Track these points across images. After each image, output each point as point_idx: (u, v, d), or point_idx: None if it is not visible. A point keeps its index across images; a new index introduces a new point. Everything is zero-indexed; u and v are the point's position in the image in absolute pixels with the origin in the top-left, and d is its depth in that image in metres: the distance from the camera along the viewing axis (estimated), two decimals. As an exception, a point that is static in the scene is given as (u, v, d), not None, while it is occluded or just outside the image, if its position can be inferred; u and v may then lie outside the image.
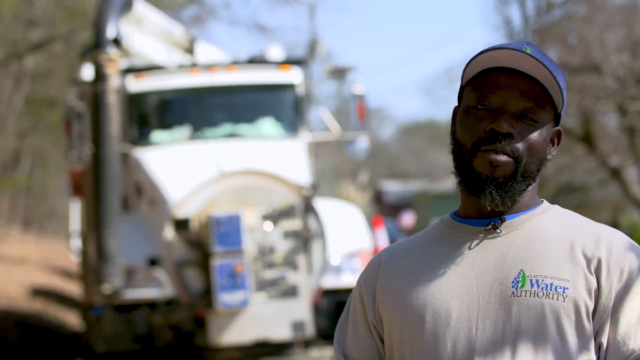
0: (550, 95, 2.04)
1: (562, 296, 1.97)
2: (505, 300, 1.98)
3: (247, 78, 9.90)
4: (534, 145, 2.03)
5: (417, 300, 2.04)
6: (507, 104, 2.02)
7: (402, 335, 2.05)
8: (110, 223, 8.11)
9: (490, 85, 2.03)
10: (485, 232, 2.05)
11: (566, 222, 2.07)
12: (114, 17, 8.46)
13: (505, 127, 2.00)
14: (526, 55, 2.00)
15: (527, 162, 2.03)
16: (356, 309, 2.16)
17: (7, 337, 11.83)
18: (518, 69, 2.02)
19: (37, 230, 27.58)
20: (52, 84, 20.99)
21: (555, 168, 26.22)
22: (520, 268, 2.00)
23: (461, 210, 2.11)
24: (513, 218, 2.06)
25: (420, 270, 2.07)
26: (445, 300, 2.02)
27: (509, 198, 2.03)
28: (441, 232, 2.12)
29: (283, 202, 8.36)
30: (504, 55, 2.02)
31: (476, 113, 2.04)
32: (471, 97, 2.06)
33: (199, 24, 20.77)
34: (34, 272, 18.52)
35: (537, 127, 2.03)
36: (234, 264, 8.02)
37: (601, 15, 18.06)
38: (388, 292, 2.09)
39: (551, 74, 2.01)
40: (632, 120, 16.97)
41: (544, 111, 2.04)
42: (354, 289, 2.19)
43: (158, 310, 8.45)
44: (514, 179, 2.02)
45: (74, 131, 9.77)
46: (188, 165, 9.03)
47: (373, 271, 2.15)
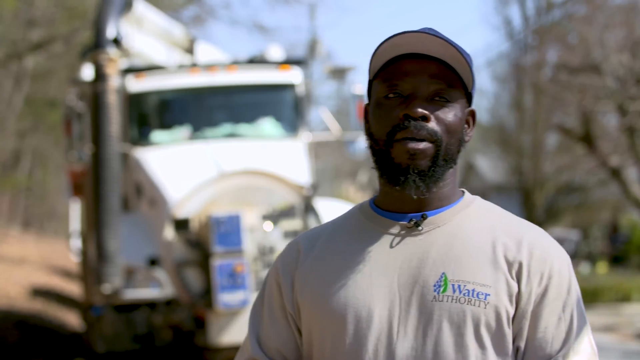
0: (459, 75, 2.01)
1: (484, 303, 1.94)
2: (427, 304, 1.96)
3: (247, 78, 9.90)
4: (451, 125, 1.99)
5: (338, 299, 2.00)
6: (418, 89, 1.98)
7: (323, 334, 2.02)
8: (110, 223, 8.11)
9: (398, 73, 2.00)
10: (407, 229, 2.02)
11: (488, 219, 2.04)
12: (114, 17, 8.46)
13: (419, 111, 1.96)
14: (430, 36, 1.97)
15: (447, 143, 1.99)
16: (272, 296, 2.11)
17: (7, 337, 11.83)
18: (423, 52, 1.99)
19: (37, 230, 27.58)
20: (52, 84, 20.99)
21: (555, 168, 26.24)
22: (442, 271, 1.97)
23: (382, 201, 2.07)
24: (435, 215, 2.03)
25: (341, 266, 2.03)
26: (366, 301, 1.98)
27: (433, 183, 1.99)
28: (361, 223, 2.07)
29: (283, 202, 8.36)
30: (407, 40, 1.99)
31: (388, 103, 2.00)
32: (381, 89, 2.02)
33: (199, 24, 20.77)
34: (34, 272, 18.53)
35: (451, 107, 2.00)
36: (234, 264, 8.02)
37: (601, 15, 18.06)
38: (308, 286, 2.05)
39: (458, 51, 1.98)
40: (632, 120, 16.97)
41: (456, 91, 2.01)
42: (270, 274, 2.13)
43: (158, 310, 8.44)
44: (435, 164, 1.98)
45: (74, 131, 9.77)
46: (188, 165, 9.03)
47: (292, 259, 2.10)
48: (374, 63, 2.04)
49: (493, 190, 35.07)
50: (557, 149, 27.05)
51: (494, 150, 31.11)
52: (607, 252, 31.40)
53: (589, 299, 18.78)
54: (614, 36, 17.64)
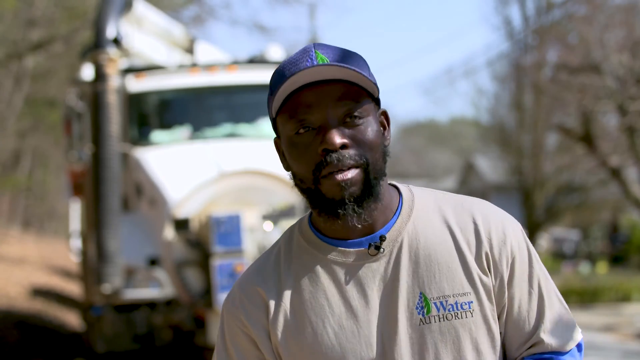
0: (362, 86, 1.94)
1: (470, 312, 1.94)
2: (416, 329, 1.94)
3: (247, 78, 9.90)
4: (371, 141, 1.93)
5: (333, 350, 1.94)
6: (327, 117, 1.90)
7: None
8: (110, 223, 8.11)
9: (302, 107, 1.91)
10: (368, 255, 1.96)
11: (437, 212, 2.01)
12: (114, 17, 8.46)
13: (337, 142, 1.89)
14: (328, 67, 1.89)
15: (373, 161, 1.93)
16: (243, 348, 2.00)
17: (7, 337, 11.83)
18: (318, 79, 1.91)
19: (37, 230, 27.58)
20: (52, 84, 21.00)
21: (555, 168, 26.24)
22: (419, 291, 1.94)
23: (326, 229, 1.99)
24: (389, 230, 1.98)
25: (320, 313, 1.96)
26: (362, 343, 1.94)
27: (372, 204, 1.93)
28: (314, 256, 1.99)
29: (283, 202, 8.36)
30: (303, 74, 1.90)
31: (301, 140, 1.93)
32: (289, 126, 1.93)
33: (199, 24, 20.78)
34: (34, 272, 18.53)
35: (365, 122, 1.93)
36: (234, 264, 8.02)
37: (601, 15, 18.06)
38: (292, 340, 1.97)
39: (352, 70, 1.90)
40: (632, 120, 16.96)
41: (364, 102, 1.94)
42: (231, 324, 2.01)
43: (158, 310, 8.45)
44: (369, 186, 1.93)
45: (74, 131, 9.77)
46: (188, 165, 9.02)
47: (257, 309, 1.99)
48: (275, 102, 1.95)
49: (493, 190, 35.08)
50: (557, 149, 27.04)
51: (494, 150, 31.10)
52: (607, 252, 31.41)
53: (589, 299, 18.78)
54: (614, 36, 17.64)
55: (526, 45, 26.57)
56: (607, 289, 19.36)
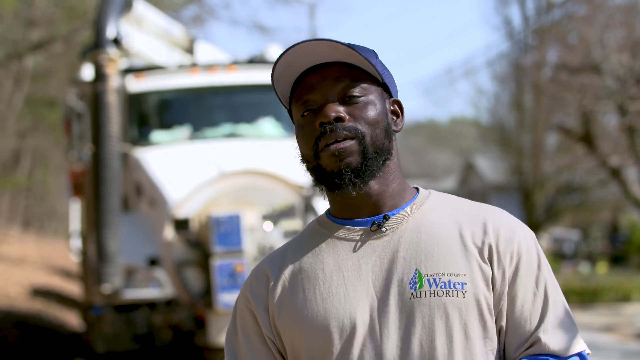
0: (363, 69, 2.04)
1: (462, 292, 1.96)
2: (406, 302, 1.96)
3: (247, 78, 9.90)
4: (370, 117, 2.01)
5: (318, 314, 2.00)
6: (327, 95, 2.01)
7: (309, 350, 2.01)
8: (110, 223, 8.11)
9: (304, 89, 2.03)
10: (370, 232, 2.03)
11: (448, 209, 2.06)
12: (114, 17, 8.46)
13: (332, 114, 1.99)
14: (318, 42, 2.00)
15: (372, 134, 2.01)
16: (246, 324, 2.10)
17: (7, 337, 11.83)
18: (319, 62, 2.03)
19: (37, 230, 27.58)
20: (52, 84, 20.99)
21: (555, 168, 26.24)
22: (414, 268, 1.98)
23: (337, 211, 2.07)
24: (395, 214, 2.03)
25: (313, 281, 2.03)
26: (347, 310, 1.99)
27: (369, 177, 2.00)
28: (322, 235, 2.07)
29: (283, 202, 8.36)
30: (299, 56, 2.02)
31: (305, 121, 2.04)
32: (296, 111, 2.06)
33: (199, 24, 20.77)
34: (34, 272, 18.53)
35: (364, 100, 2.02)
36: (234, 264, 8.02)
37: (601, 15, 18.06)
38: (285, 307, 2.04)
39: (346, 45, 2.00)
40: (632, 120, 16.97)
41: (364, 83, 2.03)
42: (240, 302, 2.12)
43: (158, 310, 8.44)
44: (366, 157, 1.99)
45: (74, 131, 9.77)
46: (188, 165, 9.02)
47: (261, 284, 2.09)
48: (280, 90, 2.08)
49: (493, 190, 35.08)
50: (557, 149, 27.04)
51: (494, 150, 31.10)
52: (607, 252, 31.41)
53: (589, 299, 18.78)
54: (614, 36, 17.64)
55: (526, 45, 26.56)
56: (607, 289, 19.36)
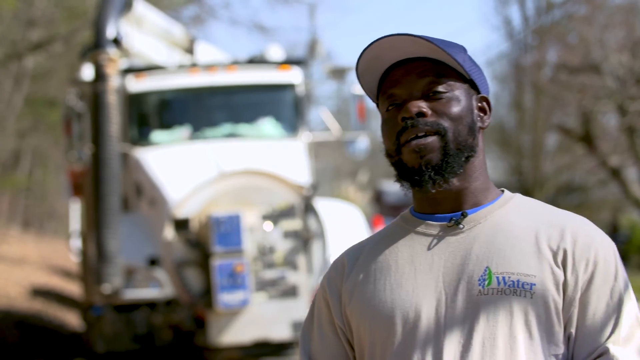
0: (449, 65, 2.03)
1: (530, 292, 1.94)
2: (473, 299, 1.96)
3: (247, 78, 9.90)
4: (453, 113, 2.00)
5: (385, 302, 2.02)
6: (411, 91, 2.01)
7: (372, 339, 2.02)
8: (110, 223, 8.11)
9: (389, 84, 2.03)
10: (448, 228, 2.02)
11: (529, 212, 2.04)
12: (114, 17, 8.46)
13: (413, 109, 1.99)
14: (402, 37, 1.99)
15: (455, 130, 2.00)
16: (321, 312, 2.13)
17: (7, 337, 11.83)
18: (404, 57, 2.02)
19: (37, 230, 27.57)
20: (52, 84, 20.97)
21: (555, 168, 26.25)
22: (485, 265, 1.97)
23: (419, 206, 2.08)
24: (475, 212, 2.03)
25: (385, 271, 2.04)
26: (413, 302, 1.99)
27: (450, 174, 1.99)
28: (403, 229, 2.08)
29: (283, 202, 8.36)
30: (382, 51, 2.02)
31: (389, 115, 2.04)
32: (382, 105, 2.06)
33: (199, 24, 20.78)
34: (34, 272, 18.52)
35: (448, 96, 2.01)
36: (234, 264, 8.02)
37: (601, 15, 18.07)
38: (355, 295, 2.06)
39: (430, 42, 1.99)
40: (632, 120, 16.97)
41: (449, 79, 2.02)
42: (318, 292, 2.15)
43: (158, 310, 8.44)
44: (447, 154, 1.99)
45: (74, 131, 9.76)
46: (188, 165, 9.02)
47: (337, 274, 2.11)
48: (366, 84, 2.09)
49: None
50: (557, 149, 27.05)
51: (494, 150, 31.09)
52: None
53: (589, 299, 18.76)
54: (614, 36, 17.65)
55: (526, 45, 26.58)
56: (607, 289, 19.33)
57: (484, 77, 2.10)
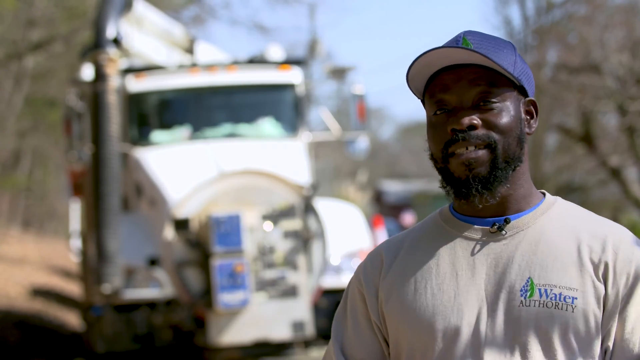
0: (500, 73, 1.99)
1: (572, 307, 1.93)
2: (514, 309, 1.95)
3: (247, 78, 9.90)
4: (504, 125, 1.98)
5: (426, 307, 2.00)
6: (461, 99, 1.97)
7: (412, 343, 2.01)
8: (110, 223, 8.11)
9: (439, 87, 1.99)
10: (490, 234, 2.00)
11: (572, 221, 2.02)
12: (114, 17, 8.46)
13: (465, 122, 1.95)
14: (455, 49, 1.96)
15: (505, 143, 1.98)
16: (356, 306, 2.09)
17: (7, 337, 11.83)
18: (453, 62, 1.99)
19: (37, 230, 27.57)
20: (52, 84, 20.98)
21: (555, 168, 26.25)
22: (527, 275, 1.95)
23: (460, 206, 2.05)
24: (517, 218, 2.01)
25: (426, 274, 2.02)
26: (455, 309, 1.98)
27: (497, 188, 1.98)
28: (443, 229, 2.06)
29: (283, 202, 8.36)
30: (436, 57, 1.98)
31: (437, 120, 2.00)
32: (429, 107, 2.02)
33: (199, 24, 20.78)
34: (34, 272, 18.52)
35: (499, 107, 1.98)
36: (234, 264, 8.02)
37: (601, 15, 18.08)
38: (394, 296, 2.03)
39: (488, 58, 1.95)
40: (632, 120, 16.98)
41: (501, 88, 1.99)
42: (352, 284, 2.12)
43: (158, 310, 8.44)
44: (496, 167, 1.97)
45: (74, 131, 9.77)
46: (188, 165, 9.03)
47: (375, 269, 2.08)
48: (415, 86, 2.05)
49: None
50: (557, 149, 27.04)
51: (494, 150, 31.10)
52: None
53: (589, 299, 18.76)
54: (614, 36, 17.65)
55: (526, 45, 26.56)
56: (607, 289, 19.34)
57: (532, 78, 2.08)
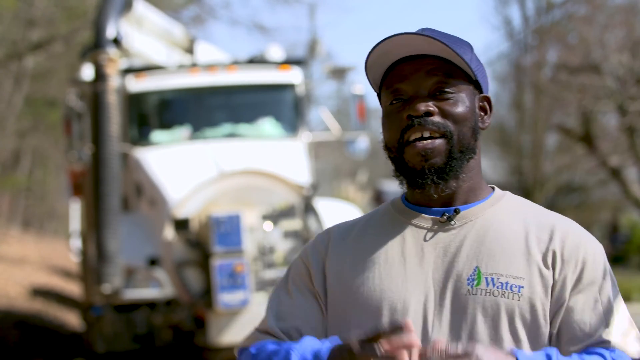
0: (457, 65, 2.01)
1: (518, 295, 1.95)
2: (461, 297, 1.96)
3: (247, 78, 9.90)
4: (458, 115, 1.99)
5: (374, 291, 2.01)
6: (418, 88, 1.99)
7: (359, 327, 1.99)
8: (110, 223, 8.11)
9: (397, 77, 2.01)
10: (440, 223, 2.02)
11: (519, 212, 2.04)
12: (114, 17, 8.46)
13: (421, 108, 1.97)
14: (415, 36, 1.97)
15: (460, 133, 1.99)
16: (299, 275, 2.11)
17: (7, 337, 11.83)
18: (413, 53, 2.00)
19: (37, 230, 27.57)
20: (52, 84, 20.98)
21: (555, 168, 26.25)
22: (475, 265, 1.97)
23: (411, 196, 2.07)
24: (467, 209, 2.02)
25: (375, 260, 2.03)
26: (401, 295, 1.99)
27: (452, 178, 1.99)
28: (394, 217, 2.07)
29: (283, 202, 8.36)
30: (394, 46, 1.99)
31: (393, 109, 2.02)
32: (386, 98, 2.04)
33: (199, 24, 20.77)
34: (34, 272, 18.53)
35: (455, 97, 2.00)
36: (234, 264, 8.02)
37: (601, 15, 18.08)
38: (342, 275, 2.05)
39: (445, 44, 1.97)
40: (632, 120, 16.97)
41: (457, 80, 2.01)
42: (297, 261, 2.14)
43: (158, 310, 8.44)
44: (451, 157, 1.98)
45: (74, 131, 9.77)
46: (188, 165, 9.03)
47: (322, 246, 2.11)
48: (372, 76, 2.06)
49: (493, 190, 35.03)
50: (557, 149, 27.05)
51: (494, 150, 31.10)
52: (607, 252, 31.34)
53: (589, 299, 18.76)
54: (614, 36, 17.65)
55: (526, 45, 26.57)
56: (607, 289, 19.32)
57: (487, 77, 2.10)
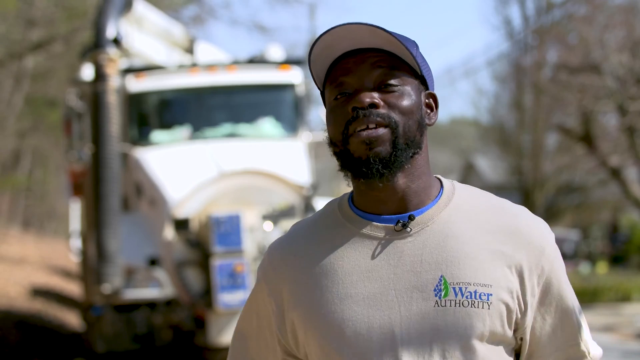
0: (402, 58, 1.98)
1: (487, 303, 1.90)
2: (429, 310, 1.90)
3: (247, 78, 9.90)
4: (404, 107, 1.95)
5: (334, 314, 1.93)
6: (363, 81, 1.95)
7: (325, 350, 1.94)
8: (110, 223, 8.12)
9: (340, 71, 1.97)
10: (395, 232, 1.94)
11: (474, 212, 1.99)
12: (114, 17, 8.46)
13: (366, 100, 1.93)
14: (358, 27, 1.93)
15: (404, 125, 1.94)
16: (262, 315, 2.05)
17: (7, 337, 11.83)
18: (357, 46, 1.97)
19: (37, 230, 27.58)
20: (52, 84, 20.99)
21: (555, 168, 26.26)
22: (439, 274, 1.91)
23: (360, 202, 1.99)
24: (421, 214, 1.96)
25: (331, 277, 1.95)
26: (364, 314, 1.91)
27: (397, 169, 1.93)
28: (344, 227, 1.99)
29: (283, 202, 8.36)
30: (337, 39, 1.96)
31: (337, 104, 1.97)
32: (330, 92, 1.99)
33: (199, 24, 20.77)
34: (34, 272, 18.53)
35: (400, 89, 1.96)
36: (234, 263, 8.02)
37: (601, 15, 18.08)
38: (300, 302, 1.97)
39: (388, 33, 1.94)
40: (632, 120, 16.98)
41: (402, 73, 1.97)
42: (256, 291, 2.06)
43: (158, 310, 8.45)
44: (396, 148, 1.93)
45: (74, 131, 9.77)
46: (188, 165, 9.03)
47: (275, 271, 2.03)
48: (316, 71, 2.01)
49: (493, 190, 34.94)
50: (557, 149, 27.06)
51: (494, 150, 31.12)
52: (607, 252, 31.40)
53: (589, 299, 18.78)
54: (614, 36, 17.66)
55: (526, 45, 26.58)
56: (607, 289, 19.35)
57: (432, 74, 2.06)
